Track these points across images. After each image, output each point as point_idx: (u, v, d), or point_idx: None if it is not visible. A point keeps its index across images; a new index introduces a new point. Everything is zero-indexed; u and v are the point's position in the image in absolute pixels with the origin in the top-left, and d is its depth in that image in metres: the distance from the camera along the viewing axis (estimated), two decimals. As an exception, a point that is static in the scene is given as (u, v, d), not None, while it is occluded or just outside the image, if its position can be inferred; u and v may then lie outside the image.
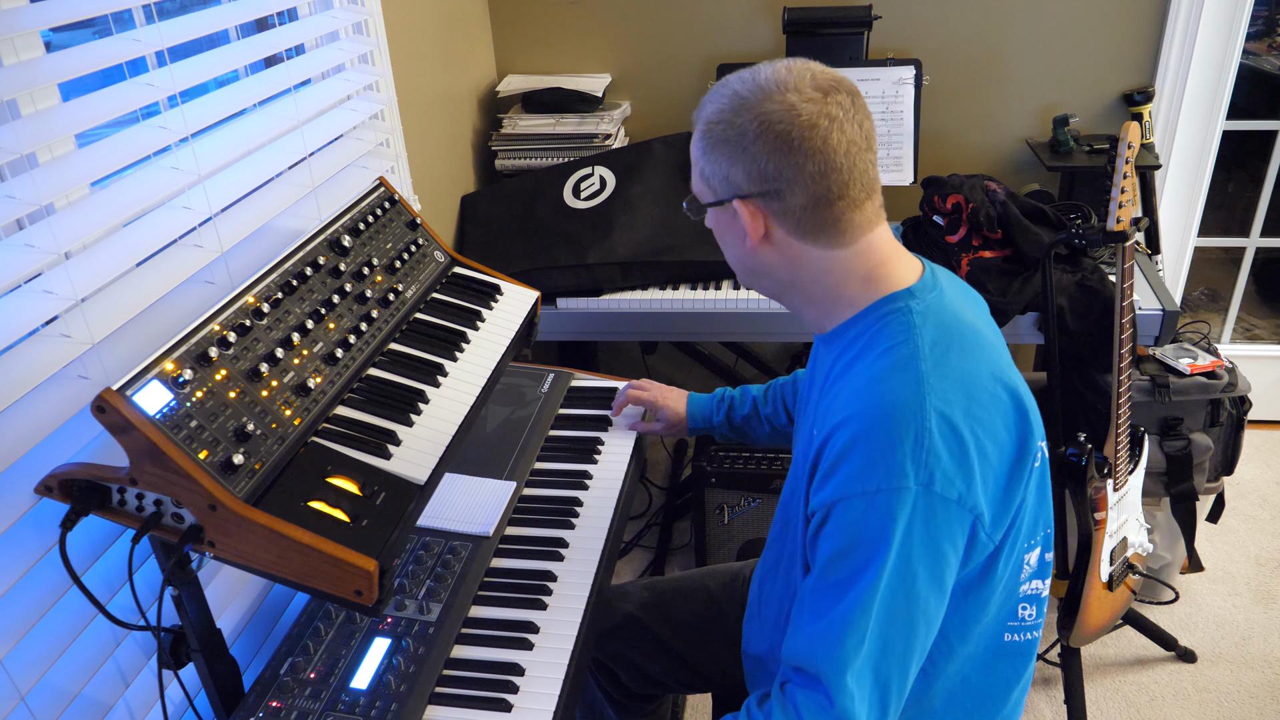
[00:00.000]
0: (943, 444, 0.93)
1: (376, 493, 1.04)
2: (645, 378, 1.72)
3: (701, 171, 1.06)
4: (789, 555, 1.18)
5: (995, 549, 1.00)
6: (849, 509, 0.94)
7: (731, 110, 1.00)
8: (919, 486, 0.92)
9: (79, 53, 1.14)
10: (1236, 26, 2.43)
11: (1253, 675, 2.13)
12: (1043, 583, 1.12)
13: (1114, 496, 1.77)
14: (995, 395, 1.01)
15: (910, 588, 0.94)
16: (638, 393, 1.62)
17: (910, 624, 0.95)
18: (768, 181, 0.99)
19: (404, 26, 1.96)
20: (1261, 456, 2.85)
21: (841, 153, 0.98)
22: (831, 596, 0.95)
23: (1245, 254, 2.86)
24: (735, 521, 2.23)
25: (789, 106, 0.97)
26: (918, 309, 1.02)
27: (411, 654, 1.16)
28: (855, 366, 1.03)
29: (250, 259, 1.38)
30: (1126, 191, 1.65)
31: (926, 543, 0.94)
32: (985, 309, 1.18)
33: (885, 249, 1.05)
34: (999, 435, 0.99)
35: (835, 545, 0.96)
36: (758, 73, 1.02)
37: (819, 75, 1.00)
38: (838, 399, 1.01)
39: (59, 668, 1.04)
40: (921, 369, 0.97)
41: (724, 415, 1.55)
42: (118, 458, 0.95)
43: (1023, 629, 1.12)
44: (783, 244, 1.04)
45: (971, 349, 1.02)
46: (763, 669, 1.27)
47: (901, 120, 2.23)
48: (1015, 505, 1.01)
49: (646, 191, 2.19)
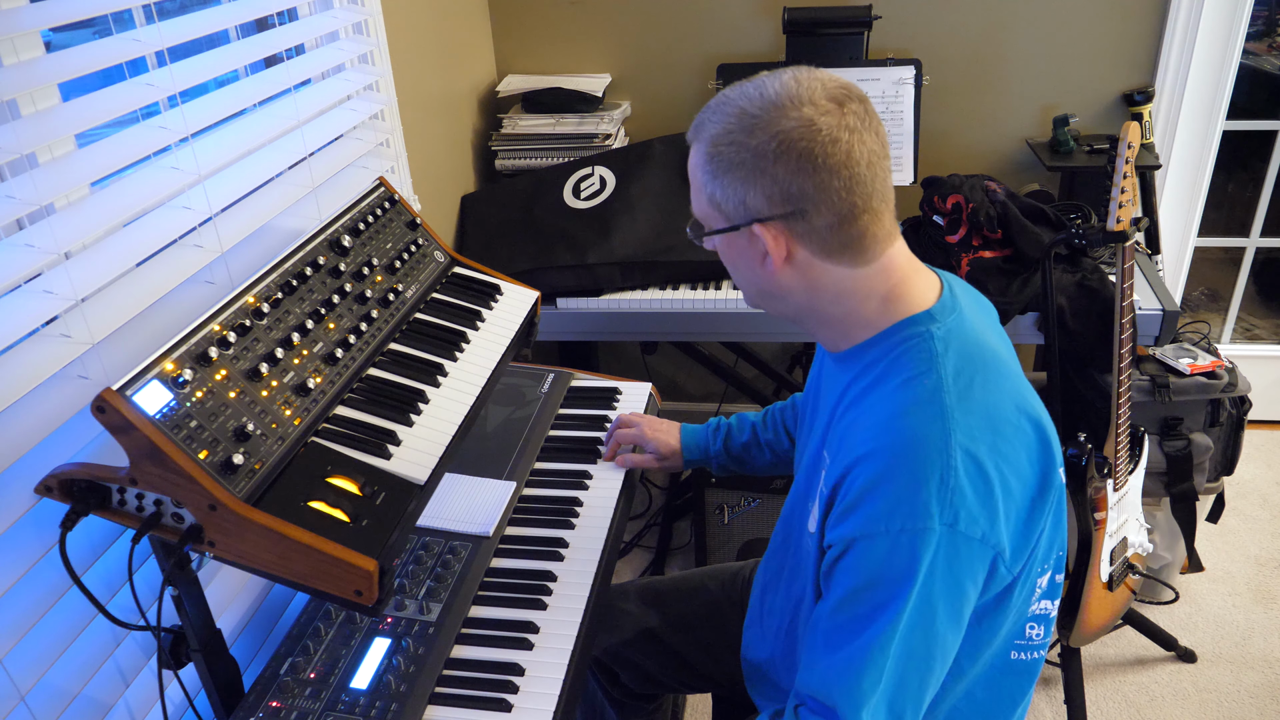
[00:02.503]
0: (968, 482, 0.91)
1: (376, 493, 1.04)
2: (645, 379, 1.71)
3: (711, 196, 0.99)
4: (791, 568, 1.17)
5: (1013, 580, 0.99)
6: (871, 546, 0.92)
7: (743, 130, 0.95)
8: (944, 526, 0.90)
9: (79, 53, 1.14)
10: (1236, 26, 2.43)
11: (1253, 675, 2.13)
12: (1052, 603, 1.10)
13: (1114, 496, 1.77)
14: (1019, 428, 0.98)
15: (930, 625, 0.92)
16: (625, 430, 1.53)
17: (928, 659, 0.94)
18: (791, 202, 0.95)
19: (404, 26, 1.96)
20: (1261, 456, 2.85)
21: (864, 164, 0.94)
22: (849, 631, 0.93)
23: (1245, 254, 2.86)
24: (735, 521, 2.23)
25: (807, 121, 0.92)
26: (939, 334, 0.99)
27: (411, 654, 1.16)
28: (874, 394, 1.00)
29: (250, 259, 1.38)
30: (1126, 191, 1.65)
31: (948, 581, 0.92)
32: (997, 319, 1.16)
33: (904, 266, 1.02)
34: (1022, 469, 0.97)
35: (855, 581, 0.94)
36: (763, 87, 0.96)
37: (829, 85, 0.95)
38: (857, 428, 0.99)
39: (59, 668, 1.04)
40: (946, 403, 0.94)
41: (721, 444, 1.50)
42: (118, 458, 0.95)
43: (1030, 648, 1.10)
44: (805, 265, 0.99)
45: (994, 378, 0.99)
46: (762, 676, 1.27)
47: (901, 120, 2.23)
48: (1035, 537, 0.99)
49: (646, 191, 2.19)
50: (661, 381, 2.98)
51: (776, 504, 2.21)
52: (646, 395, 1.71)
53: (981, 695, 1.10)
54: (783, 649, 1.20)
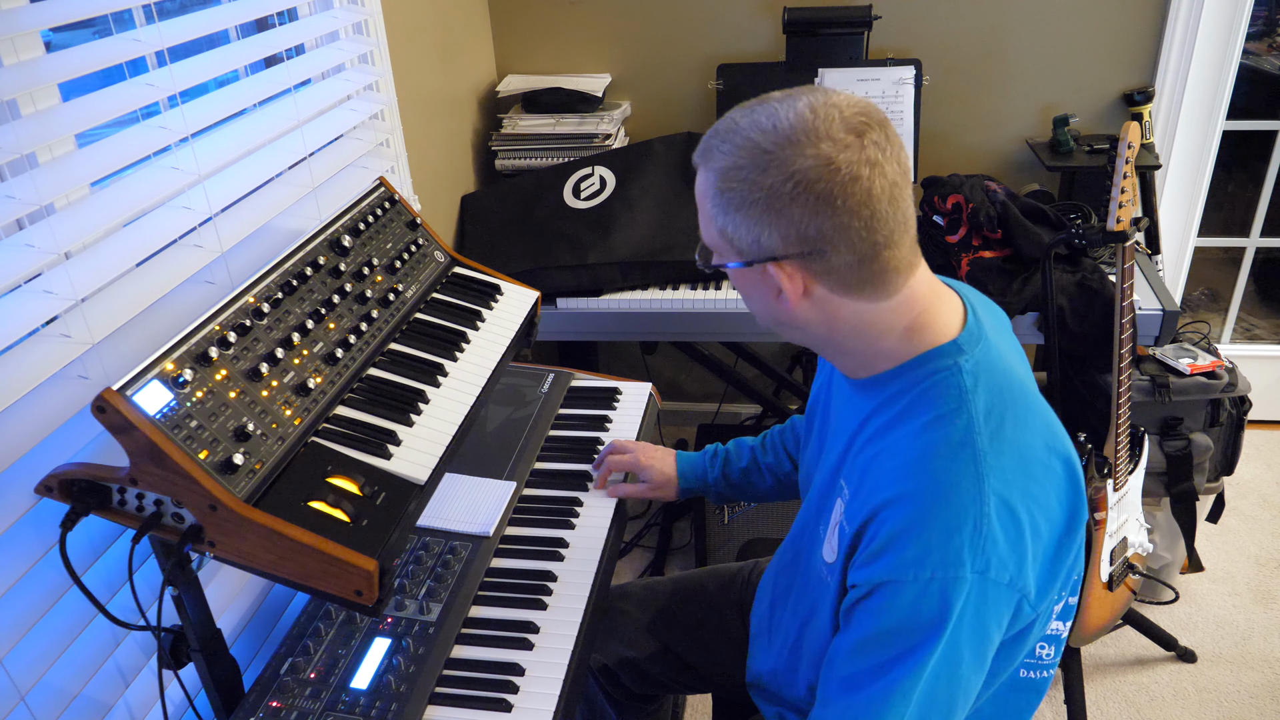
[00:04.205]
0: (1000, 530, 0.89)
1: (376, 493, 1.04)
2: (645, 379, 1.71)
3: (722, 230, 0.94)
4: (800, 588, 1.16)
5: (1035, 616, 0.97)
6: (900, 591, 0.89)
7: (754, 167, 0.89)
8: (975, 575, 0.88)
9: (79, 53, 1.14)
10: (1236, 26, 2.43)
11: (1253, 675, 2.13)
12: (1063, 624, 1.08)
13: (1114, 496, 1.77)
14: (1050, 468, 0.96)
15: (955, 671, 0.90)
16: (618, 457, 1.47)
17: (950, 703, 0.92)
18: (808, 244, 0.90)
19: (404, 26, 1.96)
20: (1261, 456, 2.85)
21: (886, 200, 0.89)
22: (871, 675, 0.91)
23: (1245, 254, 2.86)
24: (735, 521, 2.23)
25: (825, 160, 0.87)
26: (968, 368, 0.95)
27: (411, 654, 1.16)
28: (900, 430, 0.96)
29: (250, 259, 1.38)
30: (1126, 191, 1.65)
31: (975, 627, 0.90)
32: (1010, 328, 1.12)
33: (926, 295, 0.98)
34: (1052, 511, 0.95)
35: (880, 624, 0.91)
36: (776, 117, 0.90)
37: (847, 112, 0.89)
38: (882, 467, 0.95)
39: (59, 668, 1.04)
40: (979, 445, 0.91)
41: (720, 471, 1.46)
42: (118, 458, 0.95)
43: (1039, 666, 1.09)
44: (823, 301, 0.95)
45: (1024, 416, 0.96)
46: (764, 685, 1.27)
47: (901, 120, 2.23)
48: (1060, 576, 0.97)
49: (646, 191, 2.19)
50: (661, 381, 2.98)
51: (776, 505, 2.21)
52: (646, 395, 1.71)
53: (989, 712, 1.08)
54: (785, 663, 1.19)
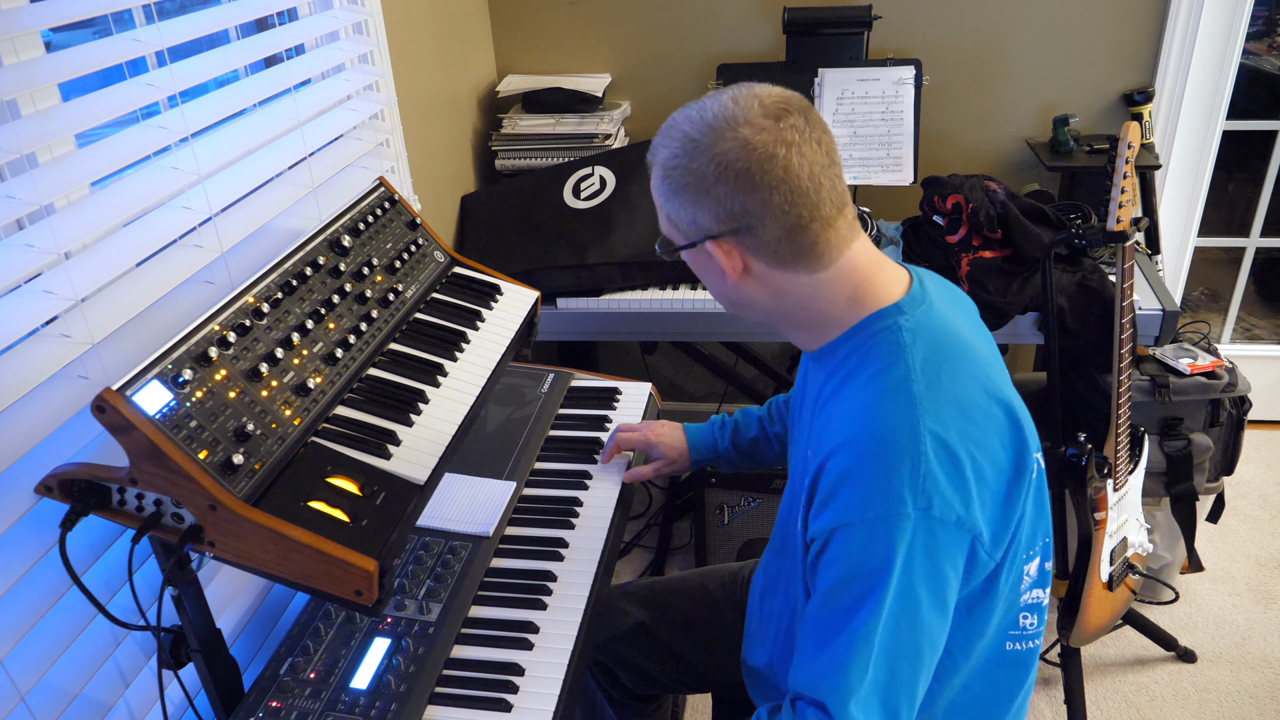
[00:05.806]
0: (939, 468, 0.93)
1: (376, 493, 1.04)
2: (645, 379, 1.71)
3: (668, 216, 1.04)
4: (788, 572, 1.18)
5: (996, 566, 1.00)
6: (848, 537, 0.94)
7: (685, 155, 0.99)
8: (918, 512, 0.92)
9: (79, 53, 1.14)
10: (1236, 26, 2.43)
11: (1253, 675, 2.13)
12: (1043, 591, 1.11)
13: (1114, 496, 1.77)
14: (990, 413, 1.00)
15: (914, 613, 0.93)
16: (627, 435, 1.51)
17: (916, 649, 0.94)
18: (736, 220, 0.98)
19: (404, 26, 1.96)
20: (1261, 456, 2.85)
21: (805, 176, 0.96)
22: (834, 626, 0.94)
23: (1245, 254, 2.86)
24: (735, 521, 2.23)
25: (742, 142, 0.96)
26: (907, 326, 1.01)
27: (411, 654, 1.16)
28: (846, 388, 1.02)
29: (250, 259, 1.38)
30: (1126, 191, 1.65)
31: (927, 567, 0.93)
32: (976, 314, 1.17)
33: (867, 264, 1.04)
34: (995, 454, 0.98)
35: (836, 574, 0.95)
36: (704, 109, 1.00)
37: (766, 100, 0.98)
38: (830, 422, 1.01)
39: (59, 668, 1.04)
40: (914, 391, 0.96)
41: (730, 440, 1.49)
42: (118, 458, 0.95)
43: (1024, 638, 1.11)
44: (763, 276, 1.03)
45: (963, 366, 1.01)
46: (762, 679, 1.27)
47: (901, 120, 2.23)
48: (1014, 521, 1.00)
49: (646, 191, 2.18)
50: (661, 381, 2.98)
51: (776, 504, 2.20)
52: (646, 395, 1.71)
53: (979, 688, 1.10)
54: (780, 653, 1.20)
